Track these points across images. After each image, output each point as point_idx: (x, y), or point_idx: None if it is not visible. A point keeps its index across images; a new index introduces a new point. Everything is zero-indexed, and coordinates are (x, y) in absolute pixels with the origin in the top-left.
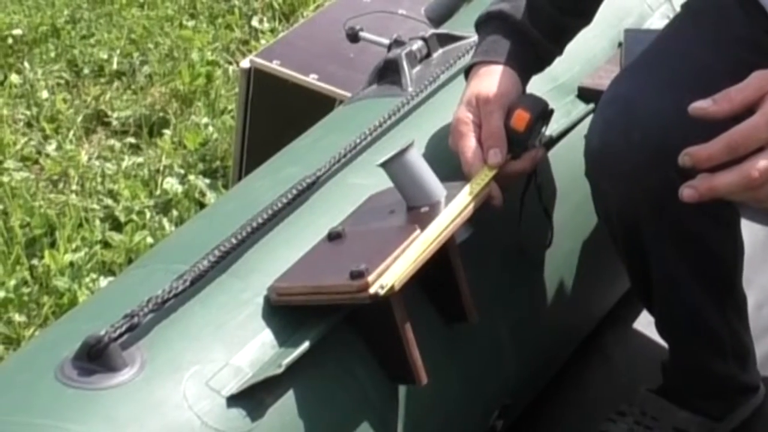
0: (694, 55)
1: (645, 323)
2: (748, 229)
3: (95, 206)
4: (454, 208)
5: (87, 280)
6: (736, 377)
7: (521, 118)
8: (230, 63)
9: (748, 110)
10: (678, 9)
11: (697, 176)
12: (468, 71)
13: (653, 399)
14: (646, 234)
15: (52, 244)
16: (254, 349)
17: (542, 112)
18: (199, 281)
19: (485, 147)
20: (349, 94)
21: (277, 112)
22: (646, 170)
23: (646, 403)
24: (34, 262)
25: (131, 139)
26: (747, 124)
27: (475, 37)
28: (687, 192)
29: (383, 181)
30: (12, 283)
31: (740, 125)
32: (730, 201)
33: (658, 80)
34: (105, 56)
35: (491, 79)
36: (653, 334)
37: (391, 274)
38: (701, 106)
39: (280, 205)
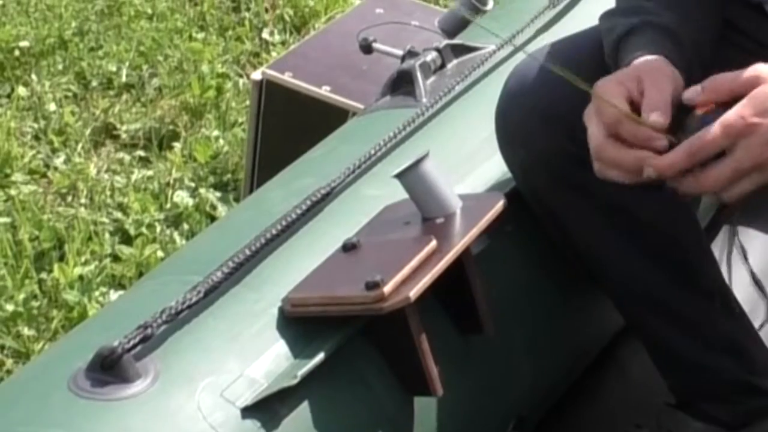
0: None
1: None
2: (764, 242)
3: (104, 219)
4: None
5: (97, 293)
6: (740, 378)
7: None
8: (241, 75)
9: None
10: None
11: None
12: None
13: (668, 411)
14: (553, 205)
15: (61, 258)
16: (269, 361)
17: None
18: (212, 292)
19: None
20: (362, 106)
21: (289, 125)
22: (539, 137)
23: (661, 415)
24: (43, 275)
25: (141, 152)
26: (704, 133)
27: (489, 48)
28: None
29: (398, 193)
30: (21, 296)
31: (698, 134)
32: None
33: (556, 53)
34: (114, 68)
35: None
36: None
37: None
38: (691, 96)
39: (294, 216)
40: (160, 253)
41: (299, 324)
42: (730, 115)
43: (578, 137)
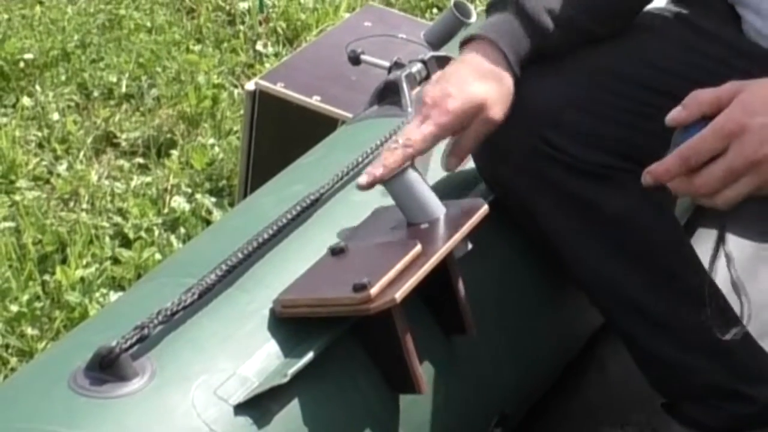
0: None
1: None
2: (737, 244)
3: (105, 224)
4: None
5: (97, 295)
6: (720, 382)
7: None
8: (235, 86)
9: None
10: None
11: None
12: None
13: (652, 412)
14: (522, 196)
15: (64, 261)
16: (260, 360)
17: None
18: (207, 294)
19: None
20: (350, 115)
21: (282, 133)
22: (508, 133)
23: (643, 415)
24: (46, 277)
25: (140, 160)
26: (696, 137)
27: None
28: (644, 178)
29: (385, 199)
30: (25, 298)
31: (690, 139)
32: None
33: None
34: (114, 79)
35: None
36: None
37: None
38: (674, 117)
39: (285, 221)
40: (157, 256)
41: (289, 325)
42: (720, 118)
43: (545, 134)
